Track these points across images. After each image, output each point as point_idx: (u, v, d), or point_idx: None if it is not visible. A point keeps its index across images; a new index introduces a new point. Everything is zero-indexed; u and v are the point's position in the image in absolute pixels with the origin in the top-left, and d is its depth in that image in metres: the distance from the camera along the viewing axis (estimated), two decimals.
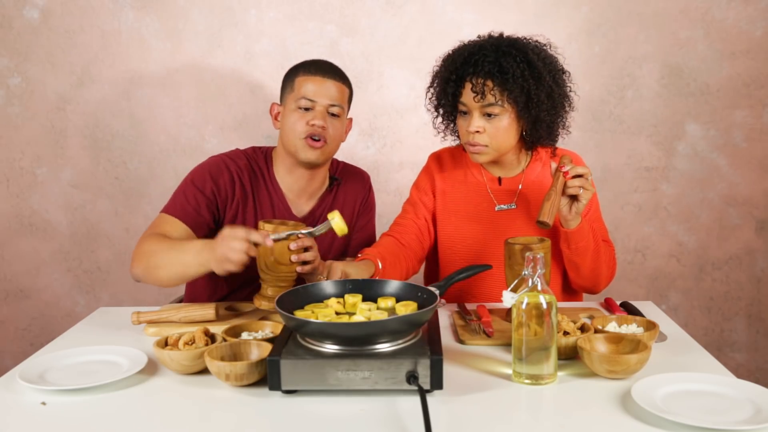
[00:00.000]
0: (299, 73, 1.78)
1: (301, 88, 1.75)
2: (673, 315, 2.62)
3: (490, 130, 1.67)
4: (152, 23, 2.49)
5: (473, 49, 1.67)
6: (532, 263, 1.24)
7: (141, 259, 1.64)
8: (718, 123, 2.52)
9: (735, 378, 1.23)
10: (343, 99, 1.80)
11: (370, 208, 2.00)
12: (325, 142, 1.76)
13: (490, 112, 1.66)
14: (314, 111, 1.75)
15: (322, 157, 1.78)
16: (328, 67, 1.80)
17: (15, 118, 2.54)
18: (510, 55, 1.63)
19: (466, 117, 1.70)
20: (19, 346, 2.66)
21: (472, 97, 1.65)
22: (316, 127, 1.73)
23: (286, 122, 1.78)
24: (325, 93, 1.75)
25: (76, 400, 1.20)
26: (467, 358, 1.37)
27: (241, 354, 1.29)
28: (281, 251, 1.51)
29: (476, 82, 1.64)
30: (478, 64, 1.64)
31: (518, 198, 1.80)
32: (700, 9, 2.46)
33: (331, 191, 1.91)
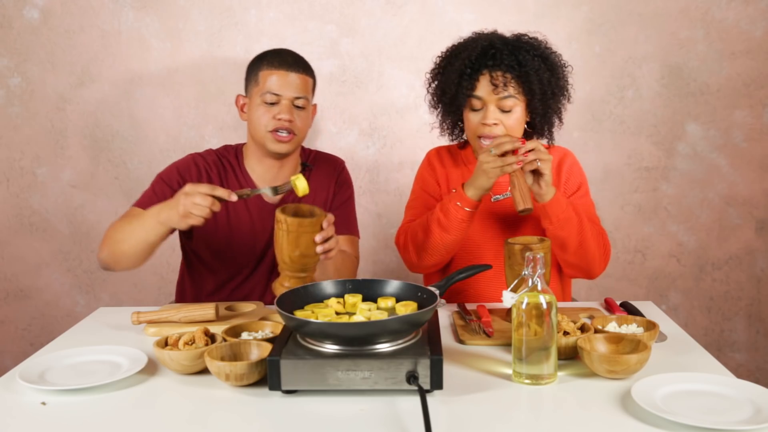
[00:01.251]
0: (263, 66, 1.80)
1: (265, 82, 1.77)
2: (673, 315, 2.62)
3: (506, 122, 1.70)
4: (152, 23, 2.49)
5: (485, 43, 1.68)
6: (532, 263, 1.24)
7: (105, 242, 1.69)
8: (718, 123, 2.52)
9: (735, 378, 1.23)
10: (308, 90, 1.82)
11: (346, 186, 1.99)
12: (294, 135, 1.80)
13: (505, 106, 1.68)
14: (280, 105, 1.78)
15: (291, 148, 1.82)
16: (291, 59, 1.81)
17: (15, 118, 2.54)
18: (524, 49, 1.67)
19: (479, 111, 1.71)
20: (19, 346, 2.66)
21: (489, 90, 1.67)
22: (283, 121, 1.77)
23: (252, 116, 1.80)
24: (290, 86, 1.77)
25: (76, 400, 1.20)
26: (467, 358, 1.37)
27: (241, 354, 1.29)
28: (307, 244, 1.49)
29: (495, 75, 1.66)
30: (497, 57, 1.65)
31: None
32: (700, 9, 2.46)
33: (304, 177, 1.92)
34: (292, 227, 1.48)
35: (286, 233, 1.49)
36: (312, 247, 1.51)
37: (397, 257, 2.63)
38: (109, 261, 1.69)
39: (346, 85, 2.52)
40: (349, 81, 2.52)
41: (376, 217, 2.60)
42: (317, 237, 1.50)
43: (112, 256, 1.68)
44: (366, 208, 2.59)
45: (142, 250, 1.64)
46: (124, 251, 1.65)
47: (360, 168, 2.57)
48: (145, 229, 1.60)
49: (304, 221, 1.49)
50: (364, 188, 2.59)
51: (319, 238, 1.50)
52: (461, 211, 1.65)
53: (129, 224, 1.66)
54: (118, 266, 1.70)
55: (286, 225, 1.48)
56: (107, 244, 1.69)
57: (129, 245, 1.64)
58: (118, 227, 1.69)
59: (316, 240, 1.50)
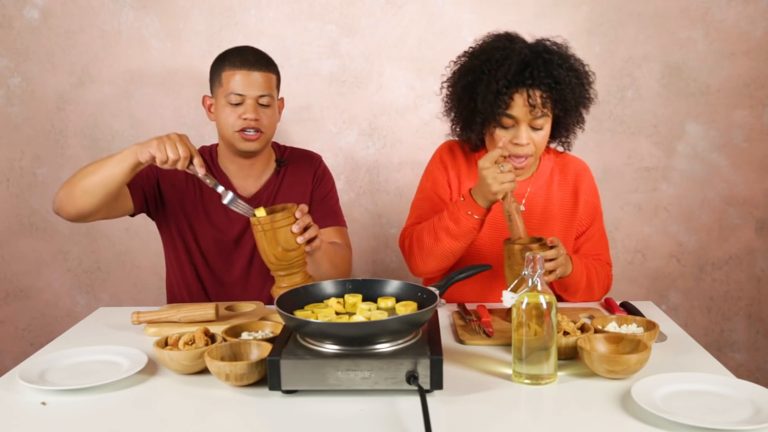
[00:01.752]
0: (225, 66, 1.79)
1: (229, 83, 1.77)
2: (673, 315, 2.62)
3: (537, 140, 1.65)
4: (152, 23, 2.49)
5: (519, 57, 1.60)
6: (532, 263, 1.24)
7: (65, 184, 1.66)
8: (718, 123, 2.52)
9: (735, 378, 1.23)
10: (272, 87, 1.82)
11: (325, 182, 1.99)
12: (261, 132, 1.80)
13: (538, 124, 1.64)
14: (245, 105, 1.78)
15: (260, 146, 1.83)
16: (253, 57, 1.80)
17: (15, 118, 2.54)
18: (557, 63, 1.61)
19: (509, 130, 1.65)
20: (19, 346, 2.66)
21: (526, 110, 1.61)
22: (249, 120, 1.77)
23: (219, 116, 1.81)
24: (253, 85, 1.77)
25: (76, 400, 1.20)
26: (467, 358, 1.37)
27: (241, 354, 1.29)
28: (285, 238, 1.51)
29: (533, 95, 1.60)
30: (535, 77, 1.59)
31: (527, 202, 1.78)
32: (700, 9, 2.46)
33: (278, 174, 1.93)
34: (266, 225, 1.51)
35: (264, 233, 1.51)
36: (292, 240, 1.52)
37: (398, 257, 2.63)
38: (65, 201, 1.64)
39: (346, 85, 2.52)
40: (349, 81, 2.52)
41: (376, 217, 2.60)
42: (294, 227, 1.52)
43: (69, 194, 1.63)
44: (366, 208, 2.59)
45: (106, 184, 1.59)
46: (86, 186, 1.60)
47: (360, 168, 2.57)
48: (114, 161, 1.58)
49: (276, 215, 1.52)
50: (364, 188, 2.59)
51: (296, 228, 1.52)
52: (472, 220, 1.62)
53: (92, 163, 1.64)
54: (74, 206, 1.63)
55: (260, 225, 1.50)
56: (66, 184, 1.65)
57: (94, 179, 1.59)
58: (80, 169, 1.66)
59: (293, 230, 1.51)
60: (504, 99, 1.60)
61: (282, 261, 1.52)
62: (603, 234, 1.85)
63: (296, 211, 1.54)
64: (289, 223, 1.52)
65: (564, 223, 1.79)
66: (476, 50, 1.70)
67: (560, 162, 1.84)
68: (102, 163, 1.60)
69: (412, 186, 2.56)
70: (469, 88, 1.67)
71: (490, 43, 1.68)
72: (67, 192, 1.63)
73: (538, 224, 1.77)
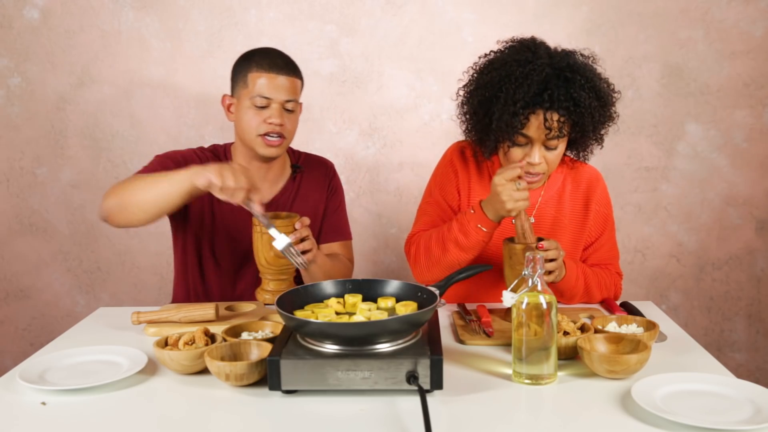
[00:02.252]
0: (252, 68, 1.75)
1: (255, 86, 1.73)
2: (673, 315, 2.61)
3: (550, 158, 1.62)
4: (152, 23, 2.49)
5: (539, 77, 1.54)
6: (532, 263, 1.24)
7: (116, 190, 1.60)
8: (718, 123, 2.52)
9: (735, 378, 1.23)
10: (297, 93, 1.79)
11: (337, 193, 1.99)
12: (284, 138, 1.77)
13: (552, 144, 1.60)
14: (270, 108, 1.74)
15: (280, 152, 1.80)
16: (281, 61, 1.77)
17: (15, 118, 2.54)
18: (579, 85, 1.55)
19: (523, 147, 1.61)
20: (19, 346, 2.66)
21: (542, 132, 1.57)
22: (274, 125, 1.74)
23: (241, 118, 1.76)
24: (280, 90, 1.74)
25: (76, 400, 1.20)
26: (467, 358, 1.37)
27: (241, 354, 1.29)
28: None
29: (550, 118, 1.55)
30: (554, 100, 1.53)
31: (537, 211, 1.77)
32: (700, 9, 2.46)
33: (294, 180, 1.91)
34: (264, 228, 1.52)
35: (260, 235, 1.53)
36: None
37: (398, 257, 2.63)
38: (115, 211, 1.60)
39: (346, 85, 2.52)
40: (349, 81, 2.52)
41: (376, 217, 2.60)
42: (290, 237, 1.52)
43: (120, 205, 1.58)
44: (366, 208, 2.59)
45: (160, 204, 1.55)
46: (140, 201, 1.56)
47: (360, 168, 2.57)
48: (171, 181, 1.52)
49: (276, 222, 1.53)
50: (364, 188, 2.59)
51: (292, 238, 1.52)
52: (481, 233, 1.60)
53: (151, 176, 1.57)
54: (124, 218, 1.60)
55: (259, 227, 1.52)
56: (118, 193, 1.59)
57: (149, 195, 1.55)
58: (134, 179, 1.61)
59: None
60: (520, 119, 1.55)
61: (272, 266, 1.54)
62: (614, 244, 1.82)
63: (296, 222, 1.54)
64: (287, 231, 1.53)
65: (574, 233, 1.77)
66: (497, 60, 1.62)
67: (573, 172, 1.81)
68: (156, 181, 1.56)
69: (412, 186, 2.56)
70: (485, 103, 1.62)
71: (513, 55, 1.60)
72: (119, 203, 1.59)
73: (547, 234, 1.76)
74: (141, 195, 1.56)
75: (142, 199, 1.56)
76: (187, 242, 1.87)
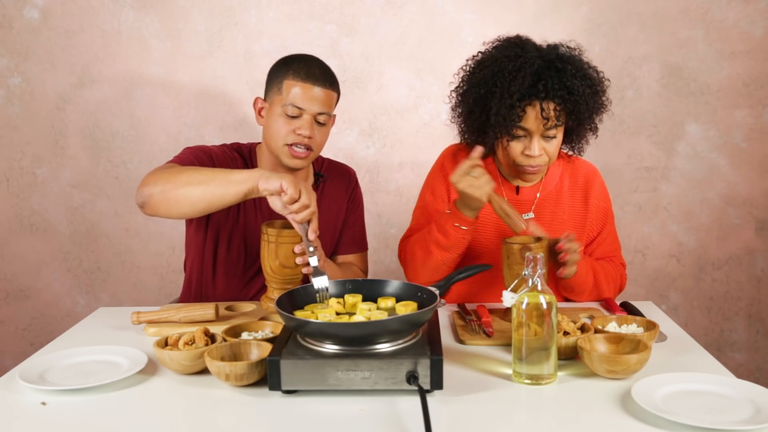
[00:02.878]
0: (288, 75, 1.70)
1: (289, 94, 1.68)
2: (673, 315, 2.62)
3: (549, 149, 1.64)
4: (152, 23, 2.49)
5: (532, 69, 1.57)
6: (532, 263, 1.24)
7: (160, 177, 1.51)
8: (718, 123, 2.52)
9: (735, 378, 1.23)
10: (331, 105, 1.74)
11: (358, 204, 1.98)
12: (311, 151, 1.72)
13: (551, 134, 1.62)
14: (301, 119, 1.69)
15: (305, 164, 1.75)
16: (320, 72, 1.71)
17: (15, 118, 2.54)
18: (570, 73, 1.58)
19: (521, 140, 1.63)
20: (19, 346, 2.66)
21: (539, 123, 1.59)
22: (303, 137, 1.69)
23: (271, 125, 1.71)
24: (314, 101, 1.68)
25: (76, 400, 1.20)
26: (467, 358, 1.37)
27: (241, 354, 1.29)
28: (286, 255, 1.51)
29: (547, 108, 1.57)
30: (549, 90, 1.56)
31: (536, 208, 1.77)
32: (700, 9, 2.46)
33: (317, 188, 1.89)
34: (272, 237, 1.51)
35: (267, 243, 1.52)
36: (291, 258, 1.52)
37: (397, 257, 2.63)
38: (156, 199, 1.51)
39: (346, 85, 2.52)
40: (349, 81, 2.52)
41: (376, 217, 2.60)
42: (296, 248, 1.51)
43: (164, 194, 1.50)
44: (366, 209, 2.58)
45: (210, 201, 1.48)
46: (188, 195, 1.48)
47: (360, 168, 2.57)
48: (229, 180, 1.45)
49: (283, 231, 1.52)
50: (364, 188, 2.58)
51: (297, 249, 1.51)
52: (460, 231, 1.61)
53: (201, 172, 1.50)
54: (163, 208, 1.52)
55: (267, 235, 1.52)
56: (162, 181, 1.51)
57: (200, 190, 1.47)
58: (180, 170, 1.52)
59: (295, 251, 1.51)
60: (517, 112, 1.58)
61: (277, 274, 1.53)
62: (615, 236, 1.84)
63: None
64: (293, 242, 1.51)
65: (575, 229, 1.78)
66: (487, 59, 1.65)
67: (570, 167, 1.82)
68: (212, 177, 1.48)
69: (412, 186, 2.56)
70: (481, 100, 1.64)
71: (502, 52, 1.63)
72: (162, 192, 1.51)
73: (547, 229, 1.76)
74: (193, 189, 1.48)
75: (193, 193, 1.48)
76: (207, 243, 1.82)
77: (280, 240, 1.51)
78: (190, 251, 1.88)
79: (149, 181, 1.54)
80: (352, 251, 1.94)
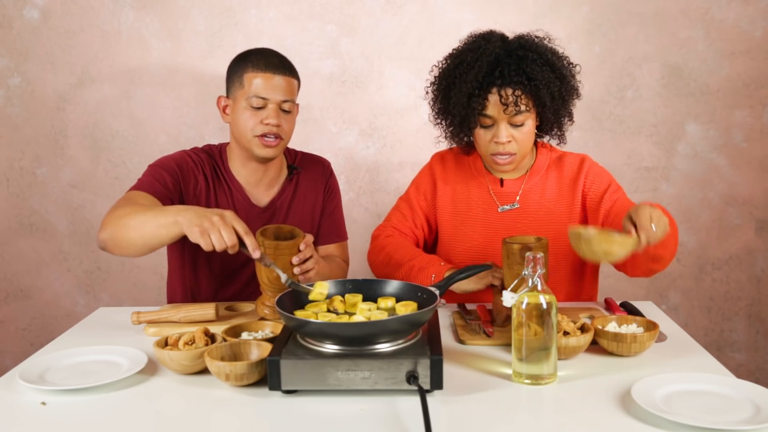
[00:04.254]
0: (248, 68, 1.73)
1: (251, 86, 1.71)
2: (673, 315, 2.62)
3: (518, 137, 1.66)
4: (152, 23, 2.49)
5: (490, 57, 1.61)
6: (532, 263, 1.24)
7: (110, 221, 1.56)
8: (718, 123, 2.52)
9: (735, 378, 1.23)
10: (294, 93, 1.77)
11: (335, 194, 1.98)
12: (281, 139, 1.75)
13: (517, 121, 1.64)
14: (267, 109, 1.72)
15: (277, 153, 1.78)
16: (277, 61, 1.75)
17: (15, 118, 2.54)
18: (530, 60, 1.61)
19: (490, 129, 1.66)
20: (19, 346, 2.66)
21: (500, 108, 1.62)
22: (271, 126, 1.72)
23: (238, 120, 1.74)
24: (277, 90, 1.72)
25: (76, 400, 1.20)
26: (467, 358, 1.37)
27: (241, 354, 1.29)
28: (283, 266, 1.50)
29: (505, 94, 1.60)
30: (505, 76, 1.59)
31: (520, 199, 1.78)
32: (700, 9, 2.46)
33: (291, 180, 1.90)
34: (269, 249, 1.49)
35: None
36: (289, 269, 1.52)
37: None
38: (110, 245, 1.56)
39: (346, 85, 2.52)
40: (349, 81, 2.52)
41: (376, 217, 2.60)
42: (294, 259, 1.51)
43: (113, 240, 1.54)
44: (366, 209, 2.59)
45: (149, 244, 1.52)
46: (130, 239, 1.52)
47: (360, 168, 2.57)
48: (158, 224, 1.47)
49: (281, 244, 1.50)
50: (364, 188, 2.59)
51: (296, 260, 1.51)
52: (428, 280, 1.62)
53: (141, 213, 1.53)
54: (118, 251, 1.57)
55: (263, 247, 1.49)
56: (111, 226, 1.55)
57: (137, 234, 1.51)
58: (126, 212, 1.55)
59: (293, 262, 1.51)
60: (478, 100, 1.62)
61: (273, 284, 1.52)
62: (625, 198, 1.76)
63: (301, 244, 1.52)
64: (291, 253, 1.51)
65: (561, 220, 1.77)
66: (453, 53, 1.71)
67: (557, 160, 1.83)
68: (145, 220, 1.50)
69: None
70: (445, 92, 1.69)
71: (467, 45, 1.69)
72: (112, 238, 1.55)
73: (532, 220, 1.77)
74: (131, 233, 1.51)
75: (132, 237, 1.51)
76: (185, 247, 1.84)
77: (278, 253, 1.50)
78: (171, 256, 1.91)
79: (104, 224, 1.57)
80: (331, 241, 1.95)
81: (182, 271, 1.87)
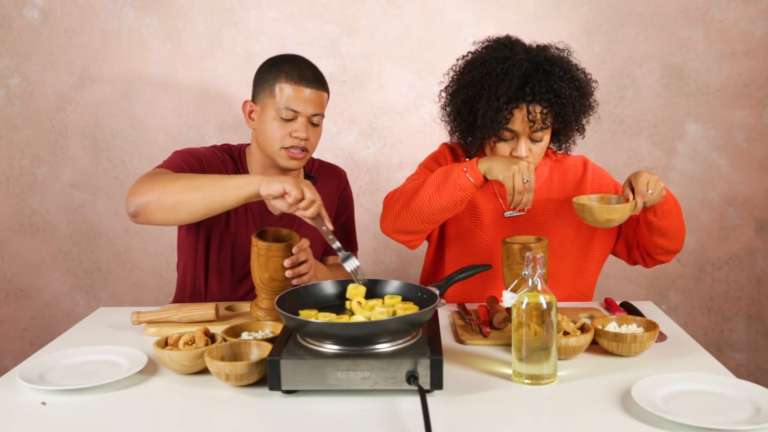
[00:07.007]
0: (280, 78, 1.70)
1: (282, 97, 1.68)
2: (673, 315, 2.62)
3: (536, 150, 1.65)
4: (152, 23, 2.49)
5: (519, 72, 1.58)
6: (532, 263, 1.24)
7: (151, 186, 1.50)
8: (718, 123, 2.52)
9: (735, 378, 1.23)
10: (324, 106, 1.75)
11: (348, 205, 1.99)
12: (307, 152, 1.74)
13: (538, 137, 1.63)
14: (296, 122, 1.69)
15: (302, 165, 1.76)
16: (311, 74, 1.72)
17: (15, 118, 2.54)
18: (558, 76, 1.59)
19: (509, 142, 1.64)
20: (19, 346, 2.66)
21: (527, 125, 1.60)
22: (300, 139, 1.70)
23: (265, 129, 1.71)
24: (308, 104, 1.69)
25: (76, 400, 1.20)
26: (467, 358, 1.37)
27: (241, 354, 1.29)
28: (276, 268, 1.51)
29: (533, 111, 1.59)
30: (535, 93, 1.57)
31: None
32: (700, 9, 2.46)
33: None
34: (261, 250, 1.50)
35: (257, 256, 1.52)
36: (281, 271, 1.52)
37: (398, 257, 2.63)
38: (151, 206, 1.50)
39: (346, 85, 2.52)
40: (349, 81, 2.52)
41: (376, 217, 2.60)
42: (286, 262, 1.51)
43: (158, 201, 1.48)
44: (366, 208, 2.59)
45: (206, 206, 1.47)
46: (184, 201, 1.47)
47: (360, 168, 2.57)
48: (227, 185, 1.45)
49: (273, 246, 1.51)
50: (364, 188, 2.59)
51: (287, 263, 1.51)
52: (463, 177, 1.56)
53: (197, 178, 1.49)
54: (160, 213, 1.50)
55: (256, 248, 1.51)
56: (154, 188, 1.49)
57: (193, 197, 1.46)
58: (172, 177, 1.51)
59: (285, 265, 1.51)
60: (504, 114, 1.59)
61: (266, 286, 1.53)
62: None
63: (294, 247, 1.52)
64: (283, 256, 1.51)
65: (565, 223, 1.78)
66: (476, 60, 1.66)
67: (558, 164, 1.83)
68: (209, 183, 1.48)
69: None
70: (469, 101, 1.65)
71: (491, 53, 1.64)
72: (159, 200, 1.49)
73: (537, 225, 1.77)
74: (192, 196, 1.47)
75: (191, 199, 1.47)
76: (199, 246, 1.82)
77: (270, 254, 1.50)
78: (183, 253, 1.88)
79: (141, 189, 1.52)
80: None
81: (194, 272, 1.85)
